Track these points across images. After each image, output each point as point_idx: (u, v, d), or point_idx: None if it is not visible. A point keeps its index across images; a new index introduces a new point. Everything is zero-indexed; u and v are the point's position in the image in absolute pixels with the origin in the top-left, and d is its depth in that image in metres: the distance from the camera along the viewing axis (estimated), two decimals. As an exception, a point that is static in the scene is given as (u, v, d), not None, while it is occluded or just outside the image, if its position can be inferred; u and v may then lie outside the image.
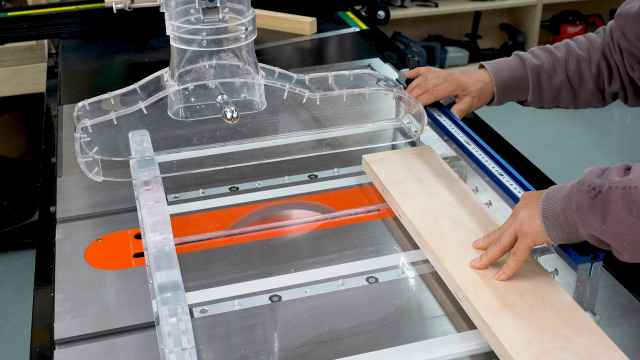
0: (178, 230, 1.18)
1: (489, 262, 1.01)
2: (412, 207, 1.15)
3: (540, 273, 1.00)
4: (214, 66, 1.10)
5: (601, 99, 1.37)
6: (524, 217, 0.98)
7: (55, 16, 2.18)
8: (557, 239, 0.96)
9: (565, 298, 0.96)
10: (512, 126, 3.58)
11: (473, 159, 1.23)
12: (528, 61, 1.35)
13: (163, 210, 1.10)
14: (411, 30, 4.03)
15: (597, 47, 1.34)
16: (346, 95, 1.23)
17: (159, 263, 1.01)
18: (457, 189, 1.19)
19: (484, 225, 1.10)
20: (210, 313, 1.01)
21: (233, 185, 1.31)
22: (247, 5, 1.10)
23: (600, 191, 0.89)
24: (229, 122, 1.08)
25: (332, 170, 1.35)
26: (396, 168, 1.26)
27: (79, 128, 1.11)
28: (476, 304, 0.95)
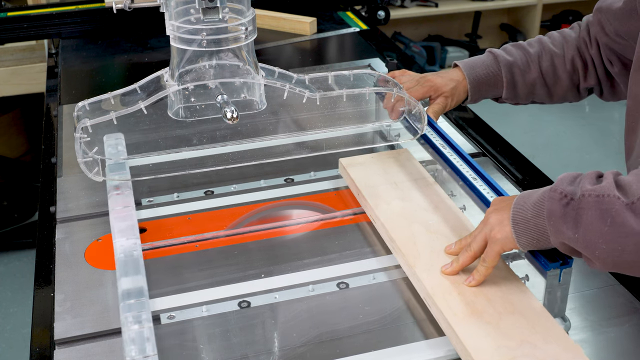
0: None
1: (459, 268, 1.00)
2: (385, 211, 1.15)
3: (510, 279, 1.00)
4: (214, 66, 1.10)
5: (576, 93, 1.37)
6: (494, 223, 0.97)
7: (55, 16, 2.18)
8: (526, 245, 0.95)
9: (534, 304, 0.95)
10: (512, 126, 3.58)
11: (448, 163, 1.22)
12: (501, 58, 1.34)
13: (131, 216, 1.09)
14: (411, 30, 4.03)
15: (572, 42, 1.33)
16: (346, 95, 1.23)
17: (125, 269, 1.00)
18: (432, 194, 1.19)
19: (457, 230, 1.10)
20: (178, 319, 1.01)
21: (208, 189, 1.30)
22: (247, 5, 1.10)
23: (573, 199, 0.88)
24: (229, 122, 1.08)
25: (308, 174, 1.34)
26: (372, 172, 1.25)
27: (79, 128, 1.11)
28: (444, 311, 0.94)
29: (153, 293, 1.04)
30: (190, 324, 1.00)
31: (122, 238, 1.06)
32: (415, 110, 1.26)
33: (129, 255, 1.03)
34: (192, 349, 0.97)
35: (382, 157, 1.31)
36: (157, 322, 1.00)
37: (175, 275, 1.10)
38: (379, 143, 1.44)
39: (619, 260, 0.86)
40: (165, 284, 1.08)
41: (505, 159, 1.42)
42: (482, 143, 1.48)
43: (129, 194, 1.15)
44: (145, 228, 1.21)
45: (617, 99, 1.36)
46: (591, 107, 3.63)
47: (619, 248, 0.85)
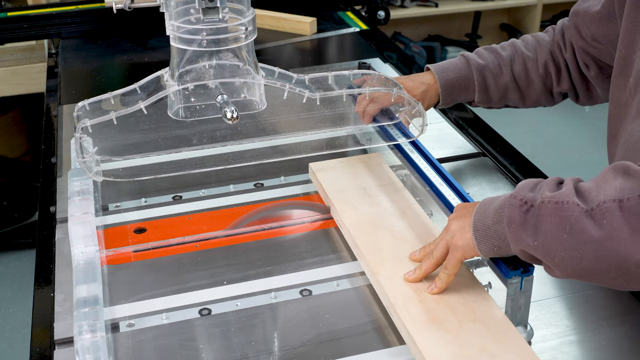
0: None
1: (422, 275, 0.99)
2: (352, 217, 1.14)
3: (473, 287, 0.99)
4: (214, 66, 1.10)
5: (549, 98, 1.36)
6: (456, 230, 0.97)
7: (55, 16, 2.18)
8: (487, 252, 0.94)
9: (496, 313, 0.94)
10: (512, 126, 3.58)
11: (415, 168, 1.21)
12: (473, 61, 1.33)
13: (90, 222, 1.07)
14: (411, 30, 4.03)
15: (545, 46, 1.33)
16: (346, 95, 1.23)
17: (80, 276, 0.98)
18: (400, 199, 1.18)
19: (423, 236, 1.09)
20: (137, 327, 1.00)
21: (177, 194, 1.29)
22: (247, 5, 1.10)
23: (533, 205, 0.87)
24: (229, 122, 1.08)
25: (278, 179, 1.33)
26: (341, 176, 1.25)
27: (79, 128, 1.11)
28: (404, 319, 0.93)
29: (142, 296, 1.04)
30: (149, 331, 0.99)
31: (80, 245, 1.04)
32: (416, 110, 1.26)
33: (87, 263, 1.01)
34: (149, 359, 0.95)
35: (353, 161, 1.30)
36: (116, 330, 0.99)
37: (137, 281, 1.08)
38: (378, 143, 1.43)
39: (578, 268, 0.84)
40: (126, 290, 1.06)
41: (505, 159, 1.42)
42: (482, 143, 1.48)
43: (90, 200, 1.12)
44: (145, 228, 1.21)
45: (593, 102, 1.35)
46: (591, 107, 3.62)
47: (578, 255, 0.83)
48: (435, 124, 1.55)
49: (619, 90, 1.10)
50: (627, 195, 0.81)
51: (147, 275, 1.10)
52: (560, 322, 1.02)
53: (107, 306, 1.03)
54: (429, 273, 0.99)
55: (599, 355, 0.96)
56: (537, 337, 0.99)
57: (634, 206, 0.80)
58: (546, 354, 0.96)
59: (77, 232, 1.06)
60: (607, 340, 0.98)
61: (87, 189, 1.15)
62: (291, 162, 1.33)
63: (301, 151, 1.36)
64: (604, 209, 0.82)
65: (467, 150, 1.47)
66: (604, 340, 0.98)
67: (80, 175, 1.18)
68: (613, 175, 0.85)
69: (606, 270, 0.83)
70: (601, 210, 0.82)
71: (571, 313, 1.03)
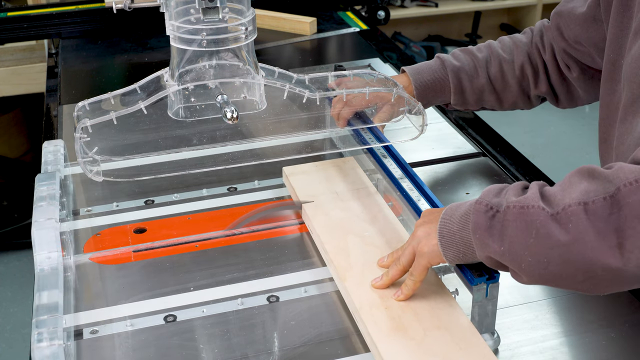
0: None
1: (389, 281, 0.99)
2: (323, 222, 1.13)
3: (441, 293, 0.98)
4: (214, 66, 1.10)
5: (527, 100, 1.35)
6: (422, 236, 0.96)
7: (55, 16, 2.18)
8: (452, 259, 0.93)
9: (461, 320, 0.94)
10: (512, 126, 3.58)
11: (387, 173, 1.20)
12: (448, 63, 1.32)
13: (54, 228, 1.06)
14: (411, 30, 4.03)
15: (522, 48, 1.32)
16: (346, 95, 1.23)
17: (41, 283, 0.97)
18: (372, 204, 1.17)
19: (392, 242, 1.08)
20: (101, 334, 0.98)
21: (149, 198, 1.29)
22: (247, 5, 1.10)
23: (498, 210, 0.86)
24: (229, 122, 1.08)
25: (252, 183, 1.32)
26: (314, 181, 1.24)
27: (79, 128, 1.11)
28: (369, 326, 0.93)
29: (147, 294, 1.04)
30: (113, 338, 0.98)
31: (43, 251, 1.02)
32: (415, 110, 1.26)
33: (49, 269, 0.99)
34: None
35: (327, 165, 1.29)
36: (80, 337, 0.98)
37: (101, 287, 1.08)
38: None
39: (545, 273, 0.84)
40: (90, 297, 1.06)
41: (505, 159, 1.42)
42: (482, 143, 1.48)
43: (54, 206, 1.11)
44: (145, 228, 1.21)
45: (575, 105, 1.34)
46: (591, 107, 3.62)
47: (545, 260, 0.82)
48: (435, 124, 1.55)
49: (608, 94, 1.09)
50: (592, 197, 0.80)
51: (113, 280, 1.09)
52: (560, 322, 1.02)
53: (75, 312, 1.02)
54: (396, 279, 0.98)
55: (599, 355, 0.96)
56: (537, 337, 0.99)
57: (598, 209, 0.79)
58: (546, 354, 0.96)
59: (41, 237, 1.04)
60: (607, 340, 0.98)
61: (54, 194, 1.13)
62: (266, 165, 1.31)
63: (301, 151, 1.36)
64: (569, 213, 0.81)
65: (467, 150, 1.47)
66: (604, 340, 0.98)
67: (48, 180, 1.16)
68: (578, 178, 0.84)
69: (573, 274, 0.82)
70: (566, 214, 0.81)
71: (571, 313, 1.03)
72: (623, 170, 0.80)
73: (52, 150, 1.28)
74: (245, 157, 1.32)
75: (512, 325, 1.01)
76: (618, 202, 0.78)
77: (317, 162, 1.31)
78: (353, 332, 0.98)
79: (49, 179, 1.17)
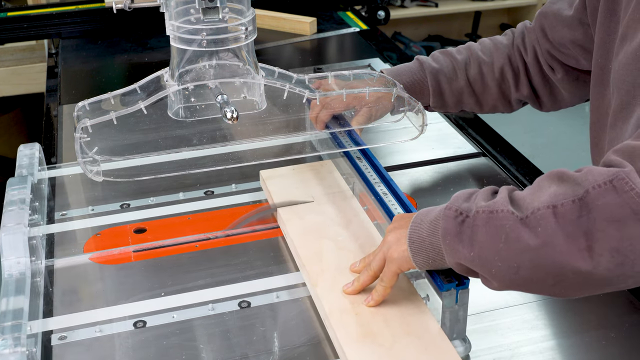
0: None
1: (360, 287, 0.98)
2: (297, 226, 1.13)
3: (412, 299, 0.97)
4: (213, 66, 1.10)
5: (507, 104, 1.33)
6: (392, 241, 0.95)
7: (55, 16, 2.18)
8: (422, 265, 0.92)
9: (432, 326, 0.93)
10: (512, 126, 3.57)
11: (361, 176, 1.19)
12: (427, 65, 1.31)
13: (22, 233, 1.04)
14: (411, 30, 4.03)
15: (503, 50, 1.30)
16: (346, 95, 1.23)
17: (7, 289, 0.95)
18: (347, 208, 1.17)
19: (366, 246, 1.07)
20: (70, 340, 0.97)
21: (124, 202, 1.28)
22: (247, 5, 1.10)
23: (468, 216, 0.85)
24: (229, 122, 1.08)
25: (229, 186, 1.32)
26: (291, 184, 1.23)
27: (79, 128, 1.11)
28: (338, 332, 0.92)
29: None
30: (81, 344, 0.97)
31: (11, 256, 1.01)
32: (416, 110, 1.26)
33: (17, 274, 0.98)
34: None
35: (304, 169, 1.28)
36: (48, 343, 0.97)
37: (74, 292, 1.07)
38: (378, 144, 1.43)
39: (515, 278, 0.83)
40: (63, 301, 1.05)
41: (505, 159, 1.42)
42: (482, 143, 1.48)
43: (24, 210, 1.10)
44: (145, 228, 1.21)
45: (559, 107, 1.32)
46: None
47: (515, 265, 0.82)
48: (435, 124, 1.55)
49: (597, 99, 1.08)
50: (560, 200, 0.80)
51: (85, 286, 1.08)
52: (560, 322, 1.02)
53: (48, 317, 1.01)
54: (367, 285, 0.98)
55: (599, 356, 0.96)
56: (537, 337, 0.99)
57: (567, 212, 0.79)
58: (546, 354, 0.96)
59: (9, 243, 1.02)
60: (607, 340, 0.98)
61: (24, 199, 1.12)
62: (244, 168, 1.30)
63: (301, 152, 1.36)
64: (539, 216, 0.80)
65: (467, 150, 1.47)
66: (604, 340, 0.98)
67: (19, 184, 1.15)
68: (547, 182, 0.84)
69: (544, 278, 0.82)
70: (536, 218, 0.80)
71: (571, 313, 1.03)
72: (592, 173, 0.80)
73: (27, 154, 1.27)
74: (245, 157, 1.32)
75: (512, 325, 1.01)
76: (587, 205, 0.78)
77: (294, 165, 1.30)
78: (324, 338, 0.97)
79: (20, 183, 1.15)
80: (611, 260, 0.77)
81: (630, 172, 0.77)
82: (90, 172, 1.15)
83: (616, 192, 0.77)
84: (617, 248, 0.77)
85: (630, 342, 0.98)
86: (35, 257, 1.08)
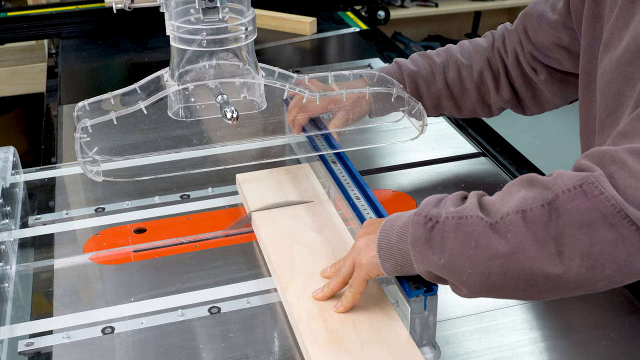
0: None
1: (330, 293, 0.97)
2: (271, 230, 1.12)
3: (382, 305, 0.97)
4: (213, 66, 1.10)
5: (485, 108, 1.32)
6: (361, 247, 0.94)
7: (55, 16, 2.18)
8: (391, 271, 0.91)
9: (400, 333, 0.92)
10: (512, 126, 3.57)
11: (335, 180, 1.18)
12: (405, 67, 1.29)
13: None
14: (411, 30, 4.03)
15: (482, 53, 1.28)
16: (346, 96, 1.23)
17: None
18: (322, 212, 1.16)
19: (339, 252, 1.06)
20: (36, 346, 0.96)
21: (99, 206, 1.27)
22: (247, 5, 1.10)
23: (437, 221, 0.84)
24: (229, 122, 1.08)
25: (205, 190, 1.31)
26: (266, 188, 1.23)
27: (79, 128, 1.11)
28: (306, 338, 0.91)
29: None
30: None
31: None
32: (415, 110, 1.26)
33: None
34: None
35: (281, 172, 1.27)
36: (14, 349, 0.96)
37: (39, 298, 1.06)
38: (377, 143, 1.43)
39: (486, 284, 0.82)
40: (40, 305, 1.05)
41: (505, 159, 1.42)
42: (482, 143, 1.48)
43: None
44: (145, 228, 1.21)
45: (543, 110, 1.31)
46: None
47: (485, 271, 0.81)
48: (435, 124, 1.55)
49: (585, 104, 1.07)
50: (529, 205, 0.79)
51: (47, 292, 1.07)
52: (560, 322, 1.02)
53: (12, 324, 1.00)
54: (337, 291, 0.97)
55: (598, 356, 0.96)
56: (536, 337, 0.99)
57: (537, 216, 0.78)
58: (546, 354, 0.96)
59: None
60: (607, 340, 0.98)
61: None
62: (220, 172, 1.29)
63: (301, 152, 1.36)
64: (508, 222, 0.79)
65: (467, 150, 1.47)
66: (604, 340, 0.98)
67: None
68: (517, 187, 0.83)
69: (514, 284, 0.81)
70: (505, 223, 0.80)
71: (571, 313, 1.03)
72: (562, 178, 0.79)
73: (1, 158, 1.26)
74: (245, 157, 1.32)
75: (512, 325, 1.01)
76: (556, 209, 0.77)
77: (271, 169, 1.29)
78: (294, 345, 0.96)
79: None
80: (582, 264, 0.77)
81: (599, 176, 0.77)
82: (90, 172, 1.15)
83: (586, 197, 0.76)
84: (587, 252, 0.76)
85: (630, 342, 0.98)
86: (4, 263, 1.07)
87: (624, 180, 0.76)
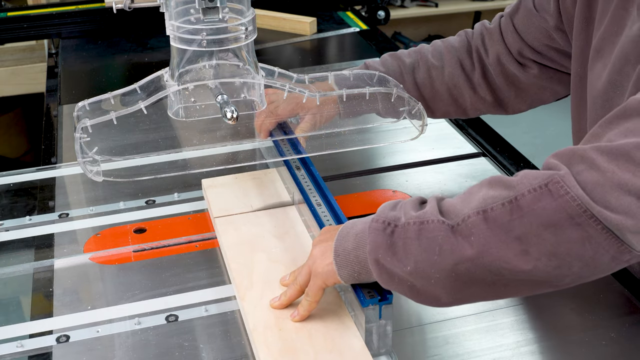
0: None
1: (287, 301, 0.95)
2: (232, 237, 1.11)
3: (339, 314, 0.95)
4: (213, 66, 1.10)
5: (460, 110, 1.29)
6: (317, 255, 0.92)
7: (55, 16, 2.18)
8: (347, 278, 0.89)
9: (355, 343, 0.90)
10: (512, 126, 3.57)
11: (298, 185, 1.16)
12: (373, 69, 1.27)
13: None
14: (411, 30, 4.03)
15: (453, 54, 1.26)
16: (346, 95, 1.23)
17: None
18: (285, 219, 1.15)
19: (299, 259, 1.04)
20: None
21: (63, 212, 1.26)
22: (247, 5, 1.10)
23: (397, 225, 0.83)
24: (229, 122, 1.08)
25: (171, 195, 1.29)
26: (231, 194, 1.21)
27: (79, 128, 1.11)
28: (259, 348, 0.90)
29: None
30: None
31: None
32: (415, 110, 1.26)
33: None
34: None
35: (246, 178, 1.26)
36: None
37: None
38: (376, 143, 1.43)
39: (455, 285, 0.81)
40: None
41: (505, 159, 1.42)
42: (482, 143, 1.48)
43: None
44: (145, 228, 1.21)
45: (528, 107, 1.28)
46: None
47: (453, 275, 0.80)
48: (435, 124, 1.55)
49: (577, 107, 1.06)
50: (490, 204, 0.78)
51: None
52: (560, 322, 1.02)
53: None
54: (294, 300, 0.95)
55: (598, 356, 0.96)
56: (537, 337, 0.99)
57: (498, 216, 0.77)
58: (546, 354, 0.96)
59: None
60: (607, 340, 0.98)
61: None
62: (186, 177, 1.28)
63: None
64: (470, 224, 0.78)
65: (467, 150, 1.47)
66: (604, 340, 0.98)
67: None
68: (478, 188, 0.82)
69: (482, 286, 0.81)
70: (467, 226, 0.79)
71: (571, 313, 1.03)
72: (527, 177, 0.78)
73: None
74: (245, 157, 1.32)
75: (512, 325, 1.01)
76: (520, 208, 0.76)
77: (238, 174, 1.28)
78: (250, 354, 0.94)
79: None
80: (548, 263, 0.77)
81: (565, 175, 0.76)
82: (90, 172, 1.15)
83: (552, 197, 0.75)
84: (554, 252, 0.76)
85: (630, 342, 0.98)
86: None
87: (592, 178, 0.75)
